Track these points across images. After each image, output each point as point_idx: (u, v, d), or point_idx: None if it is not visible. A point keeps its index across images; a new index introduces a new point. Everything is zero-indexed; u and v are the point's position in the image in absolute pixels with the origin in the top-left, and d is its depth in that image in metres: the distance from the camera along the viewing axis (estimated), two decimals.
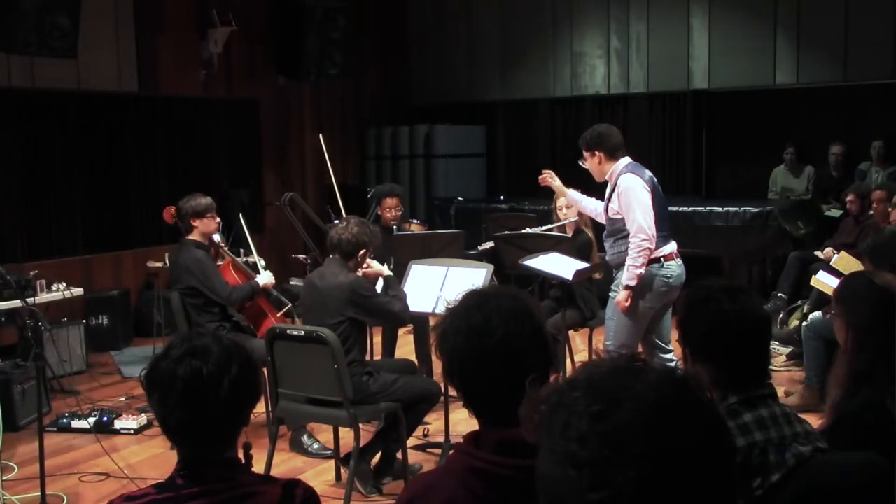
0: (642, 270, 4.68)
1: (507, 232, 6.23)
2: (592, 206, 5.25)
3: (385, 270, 4.69)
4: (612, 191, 4.84)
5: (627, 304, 4.71)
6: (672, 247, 4.83)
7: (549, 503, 1.04)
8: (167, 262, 6.48)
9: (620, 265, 4.83)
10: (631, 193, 4.69)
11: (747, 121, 9.53)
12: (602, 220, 5.06)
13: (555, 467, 1.02)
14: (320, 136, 6.28)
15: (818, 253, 6.99)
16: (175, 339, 1.97)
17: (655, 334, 4.91)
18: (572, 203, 5.50)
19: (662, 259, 4.76)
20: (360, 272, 4.47)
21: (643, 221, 4.64)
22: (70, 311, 7.06)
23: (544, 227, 5.96)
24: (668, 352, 4.91)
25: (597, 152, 4.84)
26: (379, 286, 4.64)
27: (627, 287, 4.69)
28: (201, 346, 1.88)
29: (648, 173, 4.85)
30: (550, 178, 5.37)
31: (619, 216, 4.80)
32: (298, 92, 10.03)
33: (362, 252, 4.44)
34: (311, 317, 4.46)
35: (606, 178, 4.89)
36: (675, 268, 4.80)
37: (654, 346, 4.93)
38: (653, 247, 4.68)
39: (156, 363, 1.90)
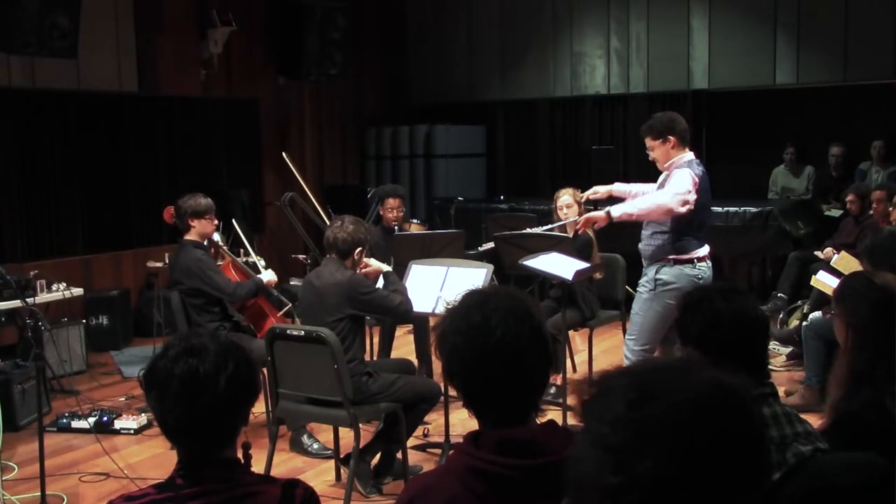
0: (636, 215, 4.71)
1: (507, 232, 6.22)
2: (642, 189, 5.19)
3: (384, 266, 4.69)
4: (665, 182, 4.82)
5: (582, 222, 4.90)
6: (706, 249, 4.85)
7: (570, 482, 1.05)
8: (167, 262, 6.47)
9: (650, 258, 4.85)
10: (678, 178, 4.70)
11: (747, 121, 9.52)
12: None
13: (586, 447, 1.03)
14: (283, 153, 6.38)
15: (818, 253, 6.99)
16: (173, 338, 1.98)
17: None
18: (622, 195, 5.38)
19: (696, 260, 4.77)
20: (359, 271, 4.47)
21: (671, 200, 4.65)
22: (70, 311, 7.06)
23: (544, 227, 5.95)
24: None
25: (670, 137, 4.80)
26: (380, 284, 4.63)
27: (608, 213, 4.70)
28: (198, 345, 1.89)
29: (702, 171, 4.83)
30: (594, 193, 5.37)
31: None
32: (298, 92, 10.02)
33: (359, 250, 4.43)
34: (309, 316, 4.46)
35: (667, 166, 4.86)
36: (706, 269, 4.84)
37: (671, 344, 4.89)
38: (664, 217, 4.70)
39: (153, 363, 1.92)
